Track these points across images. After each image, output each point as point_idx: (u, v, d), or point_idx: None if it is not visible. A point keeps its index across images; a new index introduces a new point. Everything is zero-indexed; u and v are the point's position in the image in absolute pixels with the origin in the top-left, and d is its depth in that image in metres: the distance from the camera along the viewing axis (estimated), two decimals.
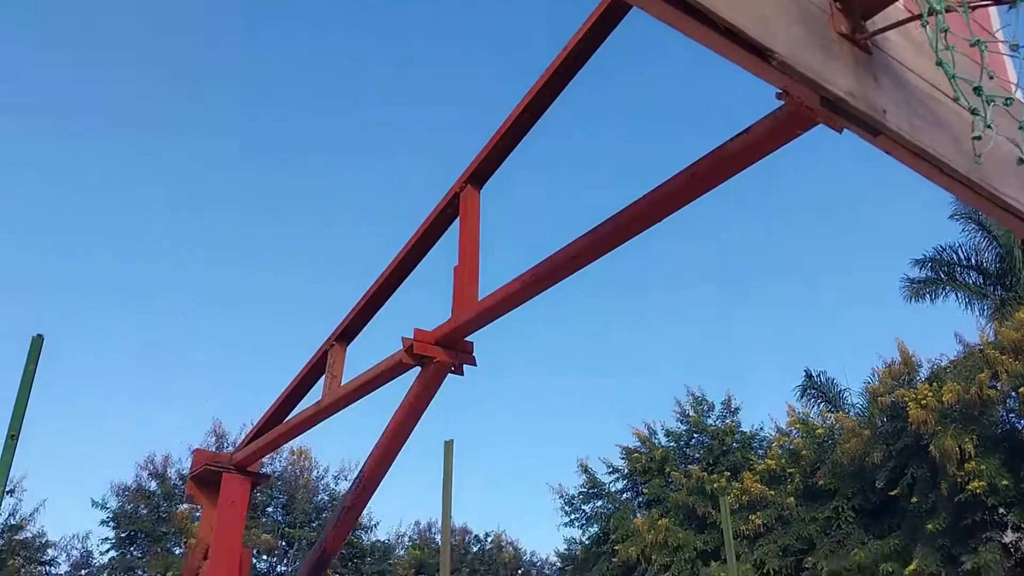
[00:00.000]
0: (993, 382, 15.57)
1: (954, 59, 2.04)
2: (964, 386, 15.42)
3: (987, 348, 15.99)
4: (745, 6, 2.03)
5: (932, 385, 15.96)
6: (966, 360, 16.73)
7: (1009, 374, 15.12)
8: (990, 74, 2.09)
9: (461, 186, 3.75)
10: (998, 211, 2.65)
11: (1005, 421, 16.04)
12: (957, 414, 15.10)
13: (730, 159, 2.51)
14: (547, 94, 3.54)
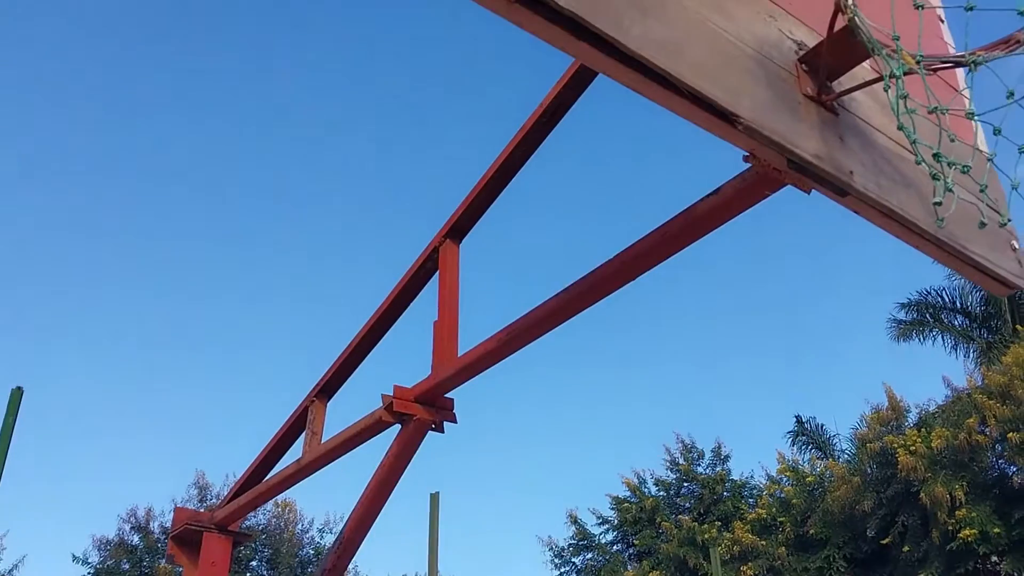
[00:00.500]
0: (982, 427, 15.56)
1: (915, 123, 2.07)
2: (953, 432, 15.40)
3: (975, 393, 16.01)
4: (709, 71, 2.07)
5: (921, 431, 15.94)
6: (954, 405, 16.74)
7: (997, 419, 15.12)
8: (951, 137, 2.12)
9: (440, 240, 3.77)
10: (968, 269, 2.67)
11: (995, 467, 15.99)
12: (947, 460, 15.06)
13: (701, 219, 2.53)
14: (524, 149, 3.58)
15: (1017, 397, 15.05)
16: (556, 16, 1.83)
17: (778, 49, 2.33)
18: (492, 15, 1.90)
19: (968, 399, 16.10)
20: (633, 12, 1.96)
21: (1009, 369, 15.59)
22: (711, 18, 2.17)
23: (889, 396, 16.92)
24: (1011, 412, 15.00)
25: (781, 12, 2.44)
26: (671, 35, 2.02)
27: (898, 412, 16.78)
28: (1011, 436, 14.78)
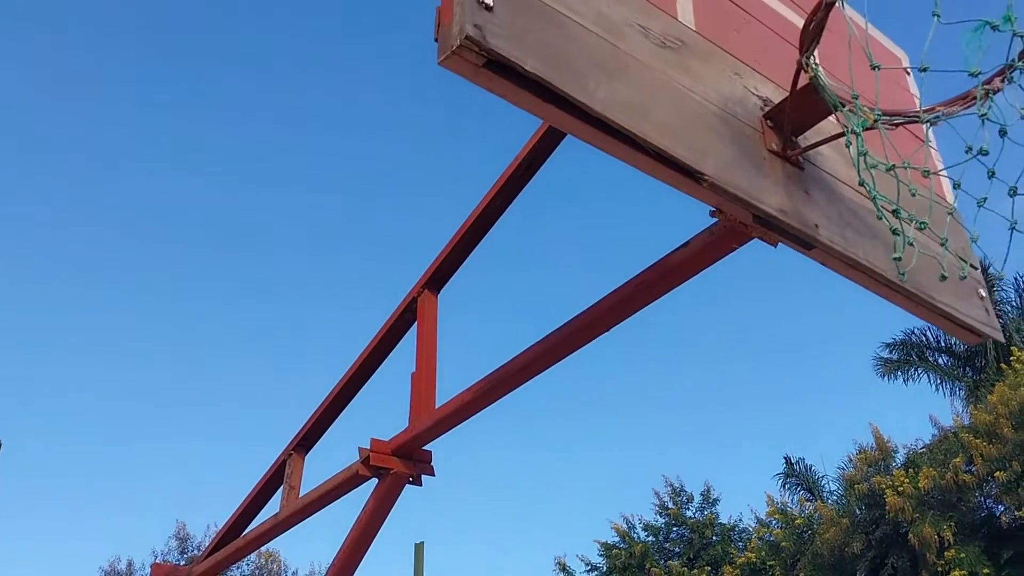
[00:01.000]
0: (968, 466, 15.53)
1: (881, 176, 2.11)
2: (940, 471, 15.36)
3: (961, 432, 16.02)
4: (674, 130, 2.11)
5: (908, 471, 15.89)
6: (941, 444, 16.72)
7: (984, 458, 15.10)
8: (912, 191, 2.16)
9: (419, 290, 3.78)
10: (937, 318, 2.71)
11: (983, 507, 15.92)
12: (934, 500, 14.99)
13: (672, 271, 2.56)
14: (502, 200, 3.62)
15: (1003, 436, 15.05)
16: (523, 80, 1.87)
17: (743, 106, 2.39)
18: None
19: (954, 438, 16.09)
20: (599, 75, 2.01)
21: (995, 408, 15.61)
22: (676, 78, 2.23)
23: (876, 436, 16.89)
24: (997, 451, 14.98)
25: (747, 69, 2.50)
26: (636, 96, 2.07)
27: (885, 452, 16.74)
28: (998, 475, 14.75)
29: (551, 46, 1.93)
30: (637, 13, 2.23)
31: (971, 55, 1.92)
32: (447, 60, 1.82)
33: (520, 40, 1.86)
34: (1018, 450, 14.76)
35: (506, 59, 1.82)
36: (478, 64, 1.82)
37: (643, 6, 2.27)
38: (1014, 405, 15.12)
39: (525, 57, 1.85)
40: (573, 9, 2.05)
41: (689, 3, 2.42)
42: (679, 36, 2.32)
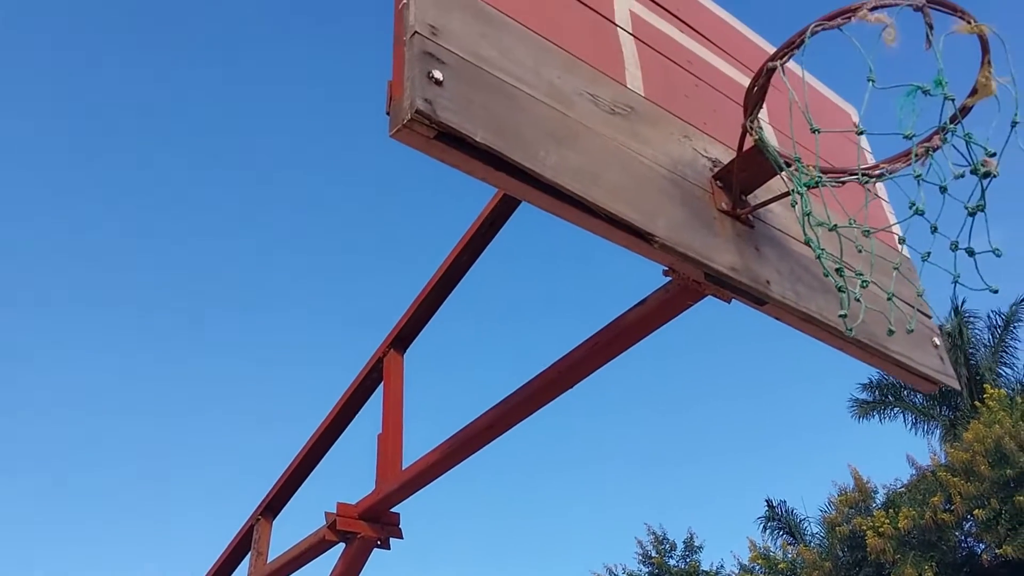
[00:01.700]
0: (948, 505, 15.57)
1: (834, 232, 2.17)
2: (919, 511, 15.38)
3: (939, 470, 16.08)
4: (624, 194, 2.16)
5: (888, 511, 15.89)
6: (919, 483, 16.77)
7: (963, 496, 15.15)
8: (859, 248, 2.23)
9: (384, 351, 3.79)
10: (892, 368, 2.76)
11: (964, 545, 15.93)
12: (915, 540, 14.99)
13: (629, 329, 2.59)
14: (466, 258, 3.65)
15: (980, 474, 15.13)
16: (474, 151, 1.92)
17: (692, 168, 2.46)
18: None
19: (932, 477, 16.15)
20: (549, 143, 2.06)
21: (971, 446, 15.71)
22: (626, 143, 2.29)
23: (855, 477, 16.92)
24: (975, 489, 15.05)
25: (696, 132, 2.57)
26: (586, 162, 2.12)
27: (865, 493, 16.75)
28: (977, 513, 14.80)
29: (501, 117, 1.98)
30: (587, 82, 2.30)
31: (905, 118, 2.00)
32: (398, 133, 1.87)
33: (470, 112, 1.91)
34: (996, 488, 14.84)
35: (456, 131, 1.86)
36: (429, 136, 1.86)
37: (593, 75, 2.34)
38: (989, 443, 15.24)
39: (475, 129, 1.89)
40: (523, 81, 2.11)
41: (638, 71, 2.50)
42: (628, 103, 2.39)
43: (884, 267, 2.53)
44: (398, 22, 2.02)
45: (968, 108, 2.23)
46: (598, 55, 2.41)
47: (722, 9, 3.11)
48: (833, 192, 2.37)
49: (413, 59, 1.89)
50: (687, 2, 2.94)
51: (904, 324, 2.64)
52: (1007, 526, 14.35)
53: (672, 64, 2.67)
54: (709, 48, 2.87)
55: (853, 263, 2.50)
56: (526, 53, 2.18)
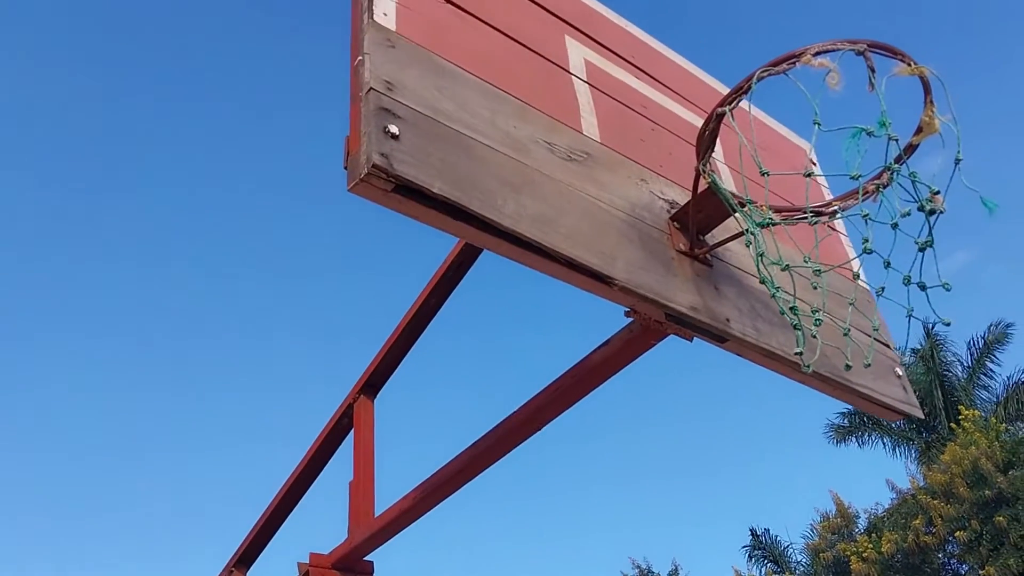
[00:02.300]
0: (929, 528, 15.63)
1: (777, 273, 2.21)
2: (902, 535, 15.43)
3: (919, 493, 16.17)
4: (583, 238, 2.20)
5: (871, 536, 15.93)
6: (900, 507, 16.85)
7: (943, 519, 15.23)
8: (813, 284, 2.27)
9: (355, 396, 3.78)
10: (856, 400, 2.80)
11: (947, 567, 15.97)
12: (899, 564, 15.02)
13: (595, 369, 2.62)
14: (435, 301, 3.67)
15: (959, 495, 15.24)
16: (432, 201, 1.95)
17: (650, 210, 2.50)
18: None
19: (913, 500, 16.23)
20: (506, 191, 2.10)
21: (949, 468, 15.83)
22: (583, 189, 2.33)
23: (837, 503, 16.98)
24: (955, 511, 15.14)
25: (652, 175, 2.62)
26: (544, 209, 2.16)
27: (847, 518, 16.80)
28: (958, 535, 14.87)
29: (458, 167, 2.02)
30: (543, 131, 2.35)
31: (851, 159, 2.06)
32: (356, 187, 1.89)
33: (427, 164, 1.94)
34: (975, 509, 14.94)
35: (413, 183, 1.89)
36: (387, 189, 1.89)
37: (549, 124, 2.39)
38: (967, 464, 15.37)
39: (432, 180, 1.93)
40: (480, 131, 2.15)
41: (594, 118, 2.55)
42: (585, 149, 2.44)
43: (843, 301, 2.58)
44: (354, 79, 2.06)
45: (914, 146, 2.30)
46: (554, 104, 2.46)
47: (677, 54, 3.20)
48: (787, 230, 2.43)
49: (369, 115, 1.93)
50: (642, 48, 3.02)
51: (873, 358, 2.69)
52: (988, 547, 14.42)
53: (627, 109, 2.74)
54: (664, 92, 2.94)
55: (812, 298, 2.56)
56: (482, 104, 2.23)
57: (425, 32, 2.24)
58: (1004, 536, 14.22)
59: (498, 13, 2.55)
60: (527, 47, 2.55)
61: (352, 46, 2.14)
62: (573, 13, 2.83)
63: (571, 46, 2.71)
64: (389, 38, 2.12)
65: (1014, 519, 14.22)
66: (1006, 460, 15.27)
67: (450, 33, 2.33)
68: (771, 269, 2.17)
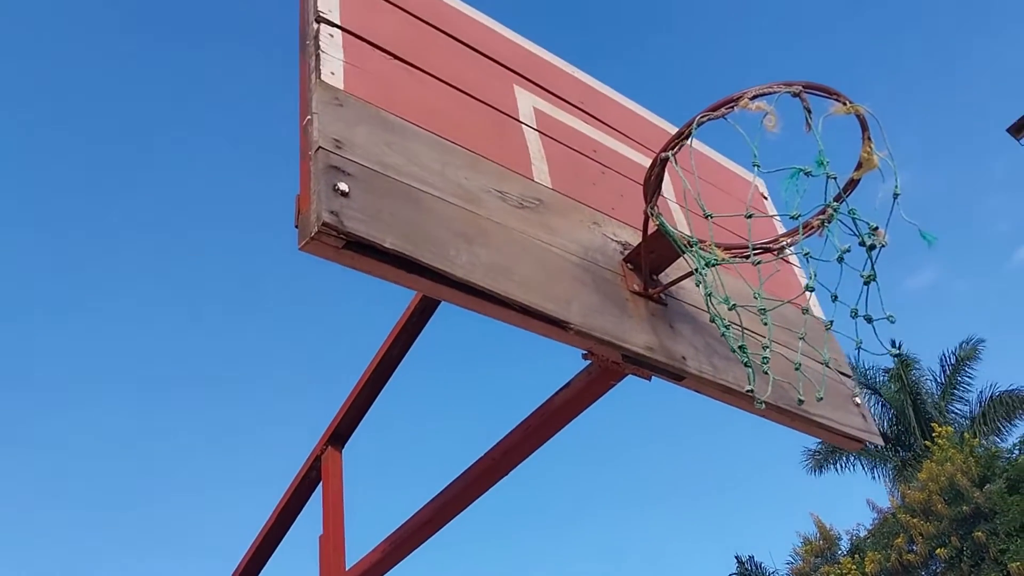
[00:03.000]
0: (911, 546, 15.71)
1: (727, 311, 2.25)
2: (884, 554, 15.48)
3: (898, 512, 16.26)
4: (537, 285, 2.23)
5: (854, 557, 15.96)
6: (882, 527, 16.92)
7: (924, 536, 15.32)
8: (764, 321, 2.32)
9: (322, 448, 3.76)
10: (817, 431, 2.84)
11: None
12: None
13: (558, 412, 2.63)
14: (399, 348, 3.67)
15: (938, 512, 15.35)
16: (385, 256, 1.97)
17: (603, 253, 2.55)
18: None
19: (893, 519, 16.31)
20: (459, 241, 2.12)
21: (926, 485, 15.96)
22: (536, 235, 2.37)
23: (818, 525, 17.00)
24: (935, 528, 15.24)
25: (604, 218, 2.67)
26: (498, 257, 2.19)
27: (830, 541, 16.83)
28: (940, 552, 14.95)
29: (410, 221, 2.04)
30: (494, 180, 2.39)
31: (790, 199, 2.12)
32: (307, 246, 1.91)
33: (378, 220, 1.96)
34: (954, 525, 15.05)
35: (365, 239, 1.91)
36: (338, 247, 1.91)
37: (500, 172, 2.43)
38: (943, 481, 15.50)
39: (384, 235, 1.95)
40: (430, 184, 2.18)
41: (544, 164, 2.60)
42: (536, 196, 2.48)
43: (799, 334, 2.62)
44: (303, 138, 2.08)
45: (856, 181, 2.37)
46: (504, 153, 2.51)
47: (625, 97, 3.27)
48: (739, 266, 2.48)
49: (318, 173, 1.95)
50: (590, 94, 3.09)
51: (830, 389, 2.74)
52: (969, 563, 14.50)
53: (578, 154, 2.79)
54: (613, 136, 3.00)
55: (767, 332, 2.61)
56: (432, 157, 2.27)
57: (373, 89, 2.28)
58: (984, 551, 14.32)
59: (446, 66, 2.60)
60: (476, 98, 2.60)
61: (301, 106, 2.17)
62: (521, 62, 2.90)
63: (520, 95, 2.77)
64: (337, 96, 2.16)
65: (992, 533, 14.34)
66: (981, 475, 15.44)
67: (399, 88, 2.37)
68: (723, 306, 2.21)
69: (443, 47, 2.68)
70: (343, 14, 2.36)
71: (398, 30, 2.56)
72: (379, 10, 2.55)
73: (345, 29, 2.33)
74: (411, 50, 2.52)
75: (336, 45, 2.28)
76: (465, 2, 2.98)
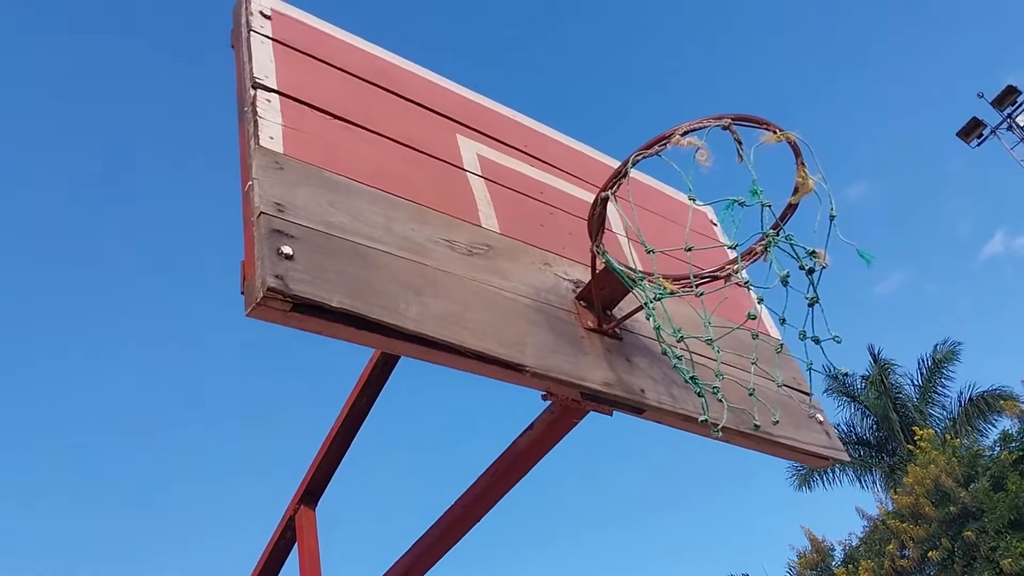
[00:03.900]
0: (903, 552, 15.72)
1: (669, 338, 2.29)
2: (878, 562, 15.48)
3: (888, 518, 16.30)
4: (490, 330, 2.25)
5: (848, 567, 15.94)
6: (873, 534, 16.93)
7: (915, 541, 15.34)
8: (717, 350, 2.35)
9: (295, 507, 3.72)
10: (781, 451, 2.86)
11: None
12: None
13: (523, 455, 2.64)
14: (365, 401, 3.66)
15: (927, 515, 15.40)
16: (333, 315, 1.98)
17: (555, 292, 2.58)
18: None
19: (884, 526, 16.34)
20: (408, 294, 2.14)
21: (913, 489, 16.02)
22: (486, 280, 2.39)
23: (810, 538, 16.99)
24: (925, 531, 15.27)
25: (555, 257, 2.71)
26: (449, 306, 2.20)
27: (822, 553, 16.80)
28: (932, 555, 14.97)
29: (357, 278, 2.06)
30: (442, 229, 2.41)
31: (727, 229, 2.17)
32: (254, 311, 1.91)
33: (324, 280, 1.97)
34: (943, 527, 15.10)
35: (312, 300, 1.92)
36: (285, 310, 1.91)
37: (447, 222, 2.46)
38: (929, 483, 15.58)
39: (331, 295, 1.96)
40: (376, 239, 2.20)
41: (491, 210, 2.64)
42: (485, 241, 2.51)
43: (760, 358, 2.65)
44: (245, 204, 2.09)
45: (794, 206, 2.43)
46: (450, 202, 2.54)
47: (568, 137, 3.33)
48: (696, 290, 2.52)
49: (261, 239, 1.96)
50: (533, 136, 3.14)
51: (791, 408, 2.78)
52: (962, 563, 14.53)
53: (525, 197, 2.83)
54: (559, 175, 3.05)
55: (727, 358, 2.65)
56: (377, 212, 2.29)
57: (314, 150, 2.30)
58: (975, 550, 14.36)
59: (387, 121, 2.64)
60: (420, 150, 2.64)
61: (242, 172, 2.19)
62: (463, 112, 2.95)
63: (463, 143, 2.81)
64: (277, 160, 2.18)
65: (982, 531, 14.40)
66: (966, 474, 15.54)
67: (340, 147, 2.40)
68: (673, 339, 2.25)
69: (384, 103, 2.73)
70: (280, 78, 2.40)
71: (338, 90, 2.60)
72: (317, 72, 2.59)
73: (283, 93, 2.36)
74: (352, 108, 2.55)
75: (274, 109, 2.31)
76: (405, 57, 3.03)
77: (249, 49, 2.43)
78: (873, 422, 21.61)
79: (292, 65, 2.50)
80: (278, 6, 2.66)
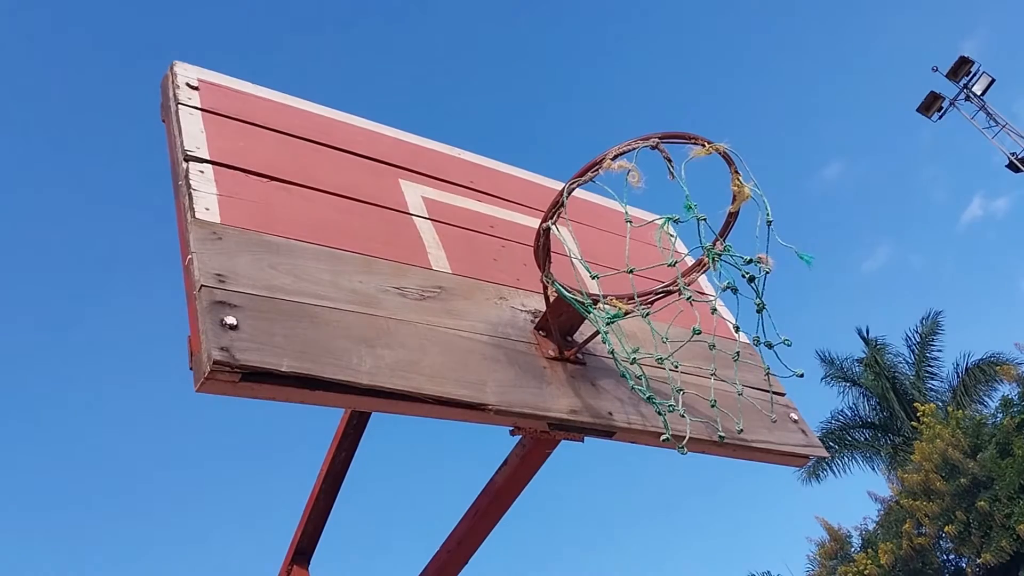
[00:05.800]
0: (920, 529, 15.70)
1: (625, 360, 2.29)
2: (896, 543, 15.45)
3: (901, 498, 16.28)
4: (448, 373, 2.24)
5: (867, 551, 15.89)
6: (888, 516, 16.90)
7: (930, 517, 15.33)
8: (675, 364, 2.36)
9: (287, 569, 3.68)
10: (760, 455, 2.86)
11: (949, 563, 15.98)
12: (901, 572, 14.97)
13: (502, 491, 2.63)
14: (344, 454, 3.64)
15: (938, 490, 15.40)
16: (284, 379, 1.96)
17: (513, 326, 2.57)
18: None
19: (897, 506, 16.32)
20: (360, 348, 2.13)
21: (921, 465, 16.03)
22: (440, 323, 2.39)
23: (826, 528, 16.94)
24: (939, 506, 15.27)
25: (510, 290, 2.71)
26: (403, 354, 2.19)
27: (840, 541, 16.75)
28: (948, 529, 14.95)
29: (306, 339, 2.04)
30: (391, 277, 2.41)
31: (663, 246, 2.18)
32: (203, 386, 1.90)
33: (271, 345, 1.96)
34: (956, 500, 15.09)
35: (260, 368, 1.91)
36: (234, 381, 1.90)
37: (396, 269, 2.45)
38: (936, 458, 15.59)
39: (279, 359, 1.95)
40: (323, 296, 2.19)
41: (441, 251, 2.64)
42: (437, 284, 2.51)
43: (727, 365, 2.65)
44: (187, 278, 2.09)
45: (735, 214, 2.45)
46: (398, 248, 2.54)
47: (514, 167, 3.35)
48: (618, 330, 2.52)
49: (204, 312, 1.95)
50: (478, 171, 3.15)
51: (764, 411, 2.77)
52: (979, 534, 14.51)
53: (475, 233, 2.84)
54: (509, 207, 3.06)
55: (694, 368, 2.65)
56: (322, 268, 2.28)
57: (252, 215, 2.30)
58: (990, 520, 14.35)
59: (327, 175, 2.64)
60: (362, 201, 2.64)
61: (181, 246, 2.18)
62: (404, 156, 2.96)
63: (407, 188, 2.82)
64: (215, 231, 2.18)
65: (995, 499, 14.40)
66: (972, 444, 15.56)
67: (279, 209, 2.40)
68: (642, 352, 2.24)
69: (322, 158, 2.73)
70: (211, 148, 2.40)
71: (272, 151, 2.61)
72: (250, 136, 2.60)
73: (215, 162, 2.37)
74: (288, 167, 2.56)
75: (208, 180, 2.31)
76: (342, 109, 3.04)
77: (178, 122, 2.44)
78: (874, 403, 21.58)
79: (223, 132, 2.50)
80: (205, 75, 2.67)
